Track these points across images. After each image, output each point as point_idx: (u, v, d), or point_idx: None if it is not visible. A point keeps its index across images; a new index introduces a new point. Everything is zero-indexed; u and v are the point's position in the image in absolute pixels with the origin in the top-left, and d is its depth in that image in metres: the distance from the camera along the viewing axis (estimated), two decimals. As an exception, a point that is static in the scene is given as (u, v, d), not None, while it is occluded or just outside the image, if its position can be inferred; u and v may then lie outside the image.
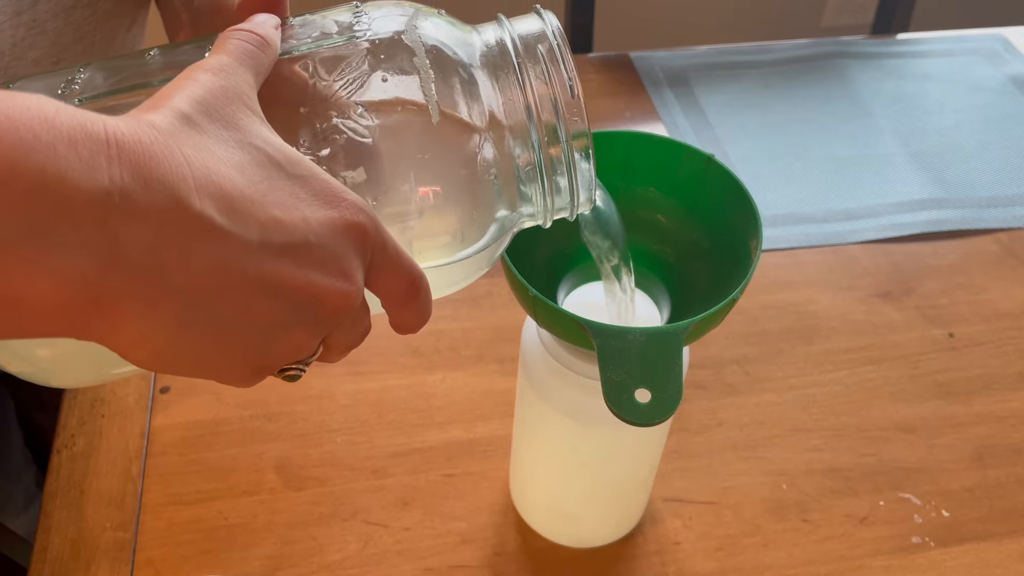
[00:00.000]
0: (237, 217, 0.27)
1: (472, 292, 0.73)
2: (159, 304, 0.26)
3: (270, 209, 0.27)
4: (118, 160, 0.24)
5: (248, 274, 0.27)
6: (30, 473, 0.83)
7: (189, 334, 0.27)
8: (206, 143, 0.27)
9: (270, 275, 0.28)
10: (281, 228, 0.28)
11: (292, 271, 0.28)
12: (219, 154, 0.27)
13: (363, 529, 0.58)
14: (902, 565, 0.58)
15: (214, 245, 0.26)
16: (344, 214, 0.29)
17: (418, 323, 0.34)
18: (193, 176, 0.26)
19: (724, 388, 0.68)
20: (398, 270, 0.32)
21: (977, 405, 0.67)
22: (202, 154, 0.27)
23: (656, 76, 0.97)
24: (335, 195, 0.29)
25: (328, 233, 0.29)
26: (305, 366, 0.32)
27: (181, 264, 0.26)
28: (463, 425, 0.64)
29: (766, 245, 0.79)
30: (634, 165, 0.49)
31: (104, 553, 0.56)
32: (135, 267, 0.25)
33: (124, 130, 0.25)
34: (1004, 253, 0.80)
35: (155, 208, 0.25)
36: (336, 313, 0.30)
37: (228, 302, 0.27)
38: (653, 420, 0.38)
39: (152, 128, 0.26)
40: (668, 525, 0.59)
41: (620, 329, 0.40)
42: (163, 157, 0.25)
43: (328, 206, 0.29)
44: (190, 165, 0.26)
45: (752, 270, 0.43)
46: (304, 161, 0.29)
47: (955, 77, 0.99)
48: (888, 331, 0.72)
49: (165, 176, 0.25)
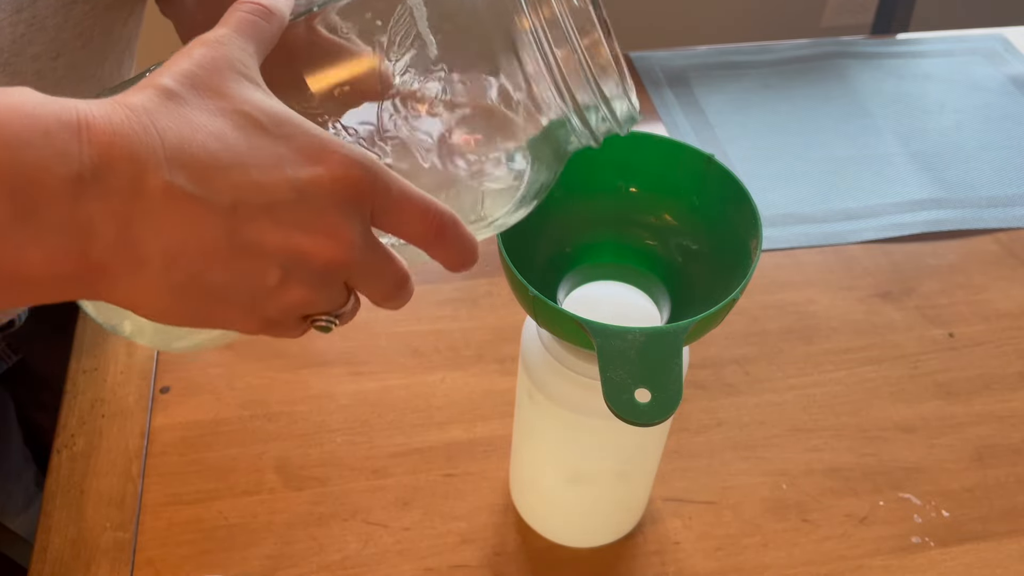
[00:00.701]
0: (208, 183, 0.28)
1: (472, 292, 0.73)
2: (140, 272, 0.28)
3: (248, 171, 0.28)
4: (88, 143, 0.26)
5: (226, 238, 0.28)
6: (30, 473, 0.83)
7: (181, 296, 0.29)
8: (186, 113, 0.28)
9: (249, 237, 0.29)
10: (258, 189, 0.28)
11: (271, 231, 0.29)
12: (198, 122, 0.28)
13: (363, 529, 0.58)
14: (902, 565, 0.58)
15: (186, 213, 0.28)
16: (332, 169, 0.29)
17: (459, 258, 0.34)
18: (164, 148, 0.27)
19: (724, 388, 0.68)
20: (411, 211, 0.32)
21: (977, 405, 0.67)
22: (180, 125, 0.28)
23: (656, 76, 0.97)
24: (321, 151, 0.29)
25: (312, 190, 0.29)
26: (335, 319, 0.33)
27: (155, 234, 0.28)
28: (463, 425, 0.64)
29: (766, 245, 0.79)
30: (634, 165, 0.49)
31: (104, 553, 0.56)
32: (111, 241, 0.27)
33: (96, 114, 0.27)
34: (1004, 253, 0.80)
35: (123, 184, 0.27)
36: (329, 268, 0.30)
37: (210, 266, 0.29)
38: (653, 420, 0.38)
39: (125, 107, 0.27)
40: (668, 525, 0.59)
41: (620, 329, 0.40)
42: (133, 134, 0.27)
43: (313, 163, 0.29)
44: (162, 138, 0.27)
45: (752, 270, 0.43)
46: (292, 120, 0.30)
47: (955, 77, 0.99)
48: (888, 331, 0.72)
49: (135, 152, 0.27)
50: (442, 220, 0.32)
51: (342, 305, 0.33)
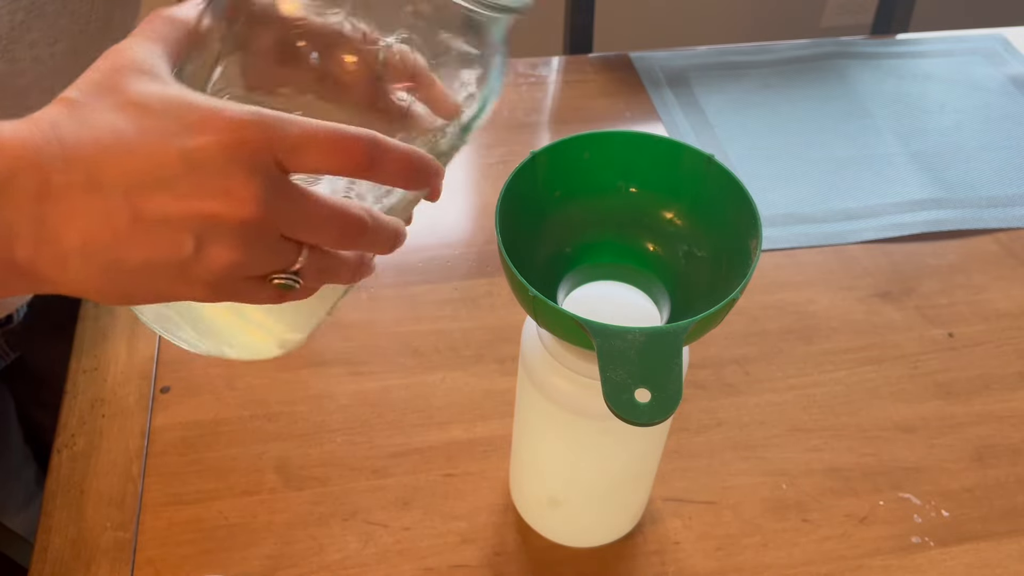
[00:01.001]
0: (102, 175, 0.31)
1: (472, 292, 0.73)
2: (66, 264, 0.32)
3: (136, 155, 0.31)
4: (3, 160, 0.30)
5: (129, 219, 0.31)
6: (30, 471, 0.83)
7: (113, 278, 0.33)
8: (85, 116, 0.32)
9: (150, 213, 0.31)
10: (151, 169, 0.31)
11: (170, 203, 0.31)
12: (95, 122, 0.31)
13: (363, 529, 0.58)
14: (902, 565, 0.58)
15: (87, 205, 0.31)
16: (218, 134, 0.31)
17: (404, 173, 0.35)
18: (64, 151, 0.31)
19: (724, 388, 0.68)
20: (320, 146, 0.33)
21: (977, 405, 0.67)
22: (78, 128, 0.31)
23: (656, 76, 0.98)
24: (208, 119, 0.31)
25: (201, 156, 0.31)
26: (295, 276, 0.35)
27: (67, 228, 0.31)
28: (463, 425, 0.64)
29: (766, 245, 0.79)
30: (634, 165, 0.49)
31: (104, 553, 0.56)
32: (31, 241, 0.31)
33: (7, 134, 0.31)
34: (1004, 253, 0.80)
35: (31, 189, 0.31)
36: (244, 226, 0.32)
37: (124, 246, 0.32)
38: (653, 420, 0.38)
39: (32, 123, 0.31)
40: (668, 525, 0.59)
41: (620, 329, 0.40)
42: (35, 146, 0.31)
43: (200, 132, 0.31)
44: (62, 144, 0.31)
45: (752, 270, 0.43)
46: (183, 100, 0.32)
47: (955, 77, 0.99)
48: (888, 331, 0.72)
49: (39, 160, 0.31)
50: (359, 142, 0.33)
51: (293, 261, 0.35)
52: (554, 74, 0.98)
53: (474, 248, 0.78)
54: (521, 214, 0.46)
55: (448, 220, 0.81)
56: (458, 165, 0.87)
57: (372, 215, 0.36)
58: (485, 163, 0.87)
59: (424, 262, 0.76)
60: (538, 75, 0.97)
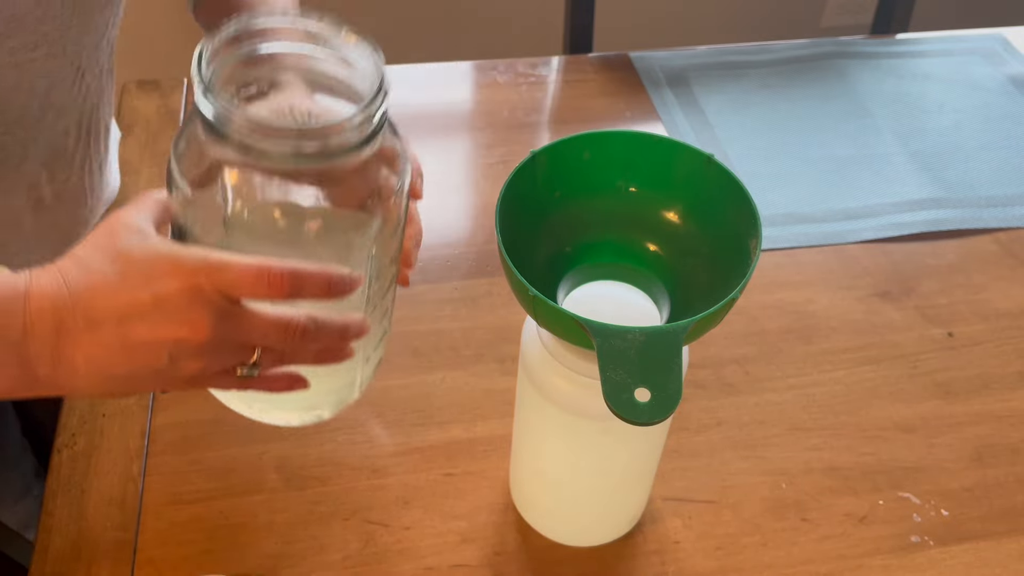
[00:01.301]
0: (98, 313, 0.42)
1: (472, 292, 0.73)
2: (76, 376, 0.43)
3: (124, 295, 0.42)
4: (28, 303, 0.42)
5: (119, 342, 0.42)
6: (27, 463, 0.83)
7: (111, 385, 0.44)
8: (87, 265, 0.43)
9: (137, 337, 0.42)
10: (134, 305, 0.42)
11: (149, 330, 0.42)
12: (92, 270, 0.42)
13: (363, 528, 0.58)
14: (901, 564, 0.58)
15: (90, 337, 0.42)
16: (178, 278, 0.42)
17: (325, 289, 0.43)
18: (71, 296, 0.42)
19: (724, 387, 0.68)
20: (250, 280, 0.42)
21: (976, 404, 0.68)
22: (80, 276, 0.42)
23: (656, 76, 0.98)
24: (173, 268, 0.42)
25: (172, 296, 0.42)
26: (253, 367, 0.45)
27: (75, 354, 0.42)
28: (463, 424, 0.64)
29: (765, 245, 0.79)
30: (634, 165, 0.49)
31: (105, 553, 0.56)
32: (50, 363, 0.42)
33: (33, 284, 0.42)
34: (1003, 253, 0.80)
35: (49, 328, 0.42)
36: (204, 343, 0.43)
37: (117, 362, 0.43)
38: (653, 419, 0.38)
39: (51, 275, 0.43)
40: (668, 524, 0.59)
41: (620, 329, 0.40)
42: (54, 294, 0.42)
43: (169, 278, 0.42)
44: (70, 290, 0.42)
45: (751, 270, 0.43)
46: (156, 251, 0.42)
47: (954, 77, 0.99)
48: (887, 331, 0.73)
49: (56, 305, 0.42)
50: (279, 273, 0.42)
51: (248, 358, 0.45)
52: (554, 74, 0.98)
53: (474, 248, 0.78)
54: (521, 214, 0.46)
55: (448, 220, 0.81)
56: (458, 165, 0.87)
57: (314, 320, 0.44)
58: (485, 163, 0.87)
59: (424, 262, 0.76)
60: (538, 75, 0.97)
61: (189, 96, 0.91)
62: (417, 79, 0.97)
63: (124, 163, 0.83)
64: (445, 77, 0.98)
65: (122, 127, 0.87)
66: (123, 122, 0.87)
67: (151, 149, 0.84)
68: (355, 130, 0.42)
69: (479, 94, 0.96)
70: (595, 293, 0.49)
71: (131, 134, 0.86)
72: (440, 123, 0.92)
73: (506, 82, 0.96)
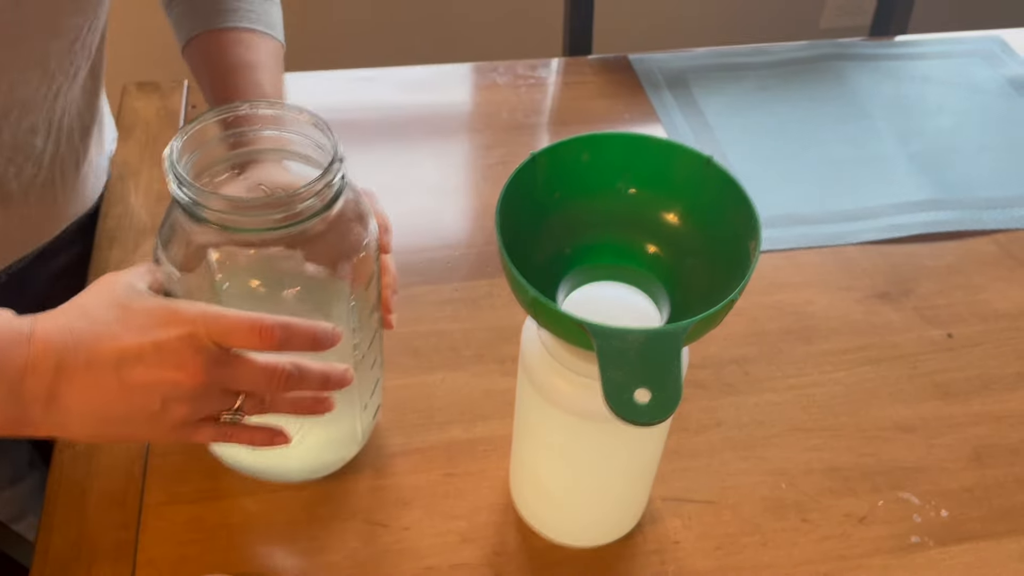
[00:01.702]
0: (99, 355, 0.44)
1: (472, 293, 0.74)
2: (67, 420, 0.46)
3: (124, 339, 0.45)
4: (31, 347, 0.44)
5: (116, 383, 0.45)
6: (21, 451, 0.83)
7: (102, 427, 0.47)
8: (89, 313, 0.46)
9: (133, 378, 0.45)
10: (134, 349, 0.44)
11: (146, 372, 0.45)
12: (95, 318, 0.46)
13: (364, 528, 0.58)
14: (901, 564, 0.58)
15: (89, 378, 0.44)
16: (177, 326, 0.45)
17: (313, 341, 0.47)
18: (74, 339, 0.44)
19: (723, 388, 0.68)
20: (241, 331, 0.45)
21: (975, 405, 0.68)
22: (83, 323, 0.45)
23: (655, 78, 0.98)
24: (171, 317, 0.45)
25: (165, 341, 0.45)
26: (236, 414, 0.49)
27: (71, 395, 0.45)
28: (463, 425, 0.64)
29: (765, 246, 0.79)
30: (633, 167, 0.49)
31: (106, 553, 0.56)
32: (43, 404, 0.45)
33: (38, 329, 0.45)
34: (1002, 254, 0.80)
35: (50, 368, 0.44)
36: (194, 388, 0.45)
37: (111, 403, 0.45)
38: (653, 420, 0.38)
39: (54, 319, 0.46)
40: (668, 524, 0.59)
41: (620, 330, 0.40)
42: (57, 338, 0.44)
43: (165, 326, 0.45)
44: (73, 332, 0.45)
45: (751, 271, 0.43)
46: (153, 304, 0.46)
47: (953, 79, 1.00)
48: (887, 332, 0.73)
49: (58, 349, 0.44)
50: (271, 326, 0.45)
51: (232, 404, 0.48)
52: (553, 76, 0.99)
53: (474, 249, 0.78)
54: (521, 215, 0.47)
55: (448, 221, 0.81)
56: (458, 167, 0.87)
57: (299, 367, 0.48)
58: (485, 164, 0.87)
59: (424, 263, 0.76)
60: (537, 77, 0.98)
61: (189, 97, 0.91)
62: (417, 81, 0.97)
63: (124, 164, 0.83)
64: (445, 79, 0.98)
65: (122, 128, 0.87)
66: (123, 123, 0.88)
67: (151, 150, 0.85)
68: (316, 196, 0.47)
69: (479, 96, 0.96)
70: (595, 294, 0.49)
71: (131, 135, 0.86)
72: (440, 125, 0.92)
73: (506, 84, 0.96)
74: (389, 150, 0.88)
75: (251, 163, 0.53)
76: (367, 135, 0.90)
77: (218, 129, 0.51)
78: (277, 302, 0.50)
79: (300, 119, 0.51)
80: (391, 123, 0.91)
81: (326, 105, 0.94)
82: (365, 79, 0.97)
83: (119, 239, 0.76)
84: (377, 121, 0.92)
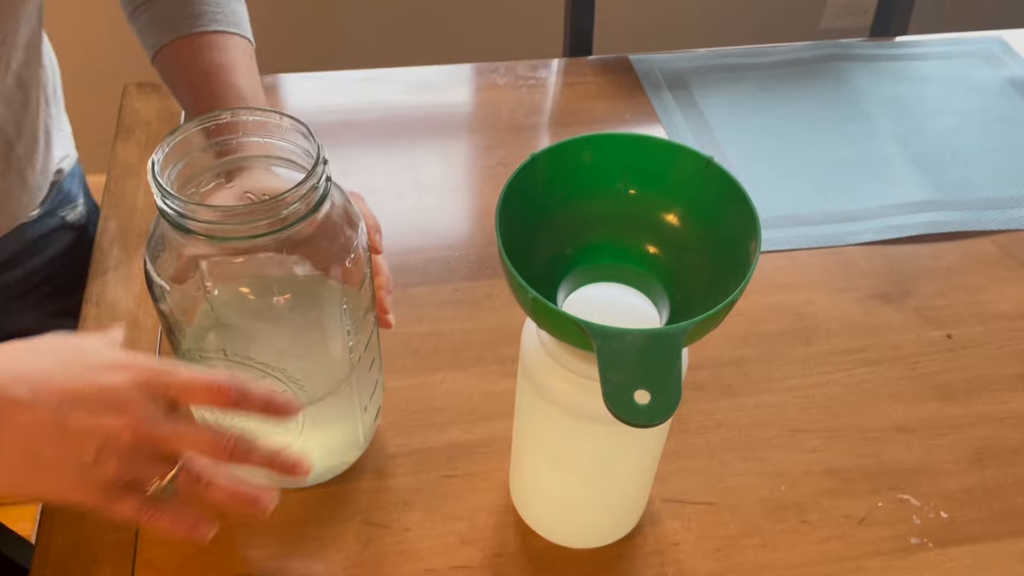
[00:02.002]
0: (42, 392, 0.43)
1: (472, 294, 0.74)
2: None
3: (69, 382, 0.43)
4: None
5: (55, 424, 0.42)
6: None
7: (26, 468, 0.43)
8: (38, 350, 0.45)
9: (73, 423, 0.43)
10: (78, 392, 0.43)
11: (87, 416, 0.43)
12: (43, 360, 0.44)
13: (364, 530, 0.58)
14: (901, 566, 0.58)
15: (27, 412, 0.42)
16: (128, 372, 0.44)
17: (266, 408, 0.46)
18: (16, 375, 0.43)
19: (723, 389, 0.68)
20: (198, 388, 0.45)
21: (975, 406, 0.68)
22: (31, 362, 0.44)
23: (655, 78, 0.98)
24: (124, 365, 0.44)
25: (119, 387, 0.43)
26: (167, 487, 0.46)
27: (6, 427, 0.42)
28: (463, 426, 0.64)
29: (765, 246, 0.79)
30: (634, 167, 0.49)
31: (105, 555, 0.56)
32: None
33: None
34: (1002, 255, 0.80)
35: None
36: (130, 444, 0.43)
37: (49, 444, 0.43)
38: (652, 421, 0.38)
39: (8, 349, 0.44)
40: (667, 526, 0.59)
41: (620, 331, 0.40)
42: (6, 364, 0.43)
43: (120, 371, 0.44)
44: (17, 369, 0.43)
45: (751, 272, 0.43)
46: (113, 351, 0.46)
47: (953, 80, 1.00)
48: (886, 332, 0.73)
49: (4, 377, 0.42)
50: (228, 390, 0.45)
51: (165, 472, 0.45)
52: (554, 76, 0.99)
53: (474, 250, 0.78)
54: (521, 216, 0.47)
55: (448, 222, 0.81)
56: (458, 167, 0.87)
57: (246, 440, 0.46)
58: (485, 165, 0.87)
59: (424, 264, 0.76)
60: (538, 77, 0.98)
61: (189, 98, 0.91)
62: (418, 82, 0.97)
63: (124, 165, 0.83)
64: (445, 79, 0.98)
65: (122, 129, 0.87)
66: (123, 124, 0.88)
67: (151, 151, 0.84)
68: (301, 200, 0.46)
69: (479, 96, 0.96)
70: (595, 295, 0.49)
71: (131, 136, 0.86)
72: (440, 125, 0.92)
73: (506, 84, 0.97)
74: (390, 150, 0.88)
75: (238, 171, 0.52)
76: (368, 136, 0.90)
77: (201, 139, 0.50)
78: (269, 308, 0.50)
79: (282, 124, 0.50)
80: (392, 124, 0.91)
81: (327, 106, 0.94)
82: (366, 80, 0.97)
83: (119, 239, 0.76)
84: (378, 122, 0.92)
